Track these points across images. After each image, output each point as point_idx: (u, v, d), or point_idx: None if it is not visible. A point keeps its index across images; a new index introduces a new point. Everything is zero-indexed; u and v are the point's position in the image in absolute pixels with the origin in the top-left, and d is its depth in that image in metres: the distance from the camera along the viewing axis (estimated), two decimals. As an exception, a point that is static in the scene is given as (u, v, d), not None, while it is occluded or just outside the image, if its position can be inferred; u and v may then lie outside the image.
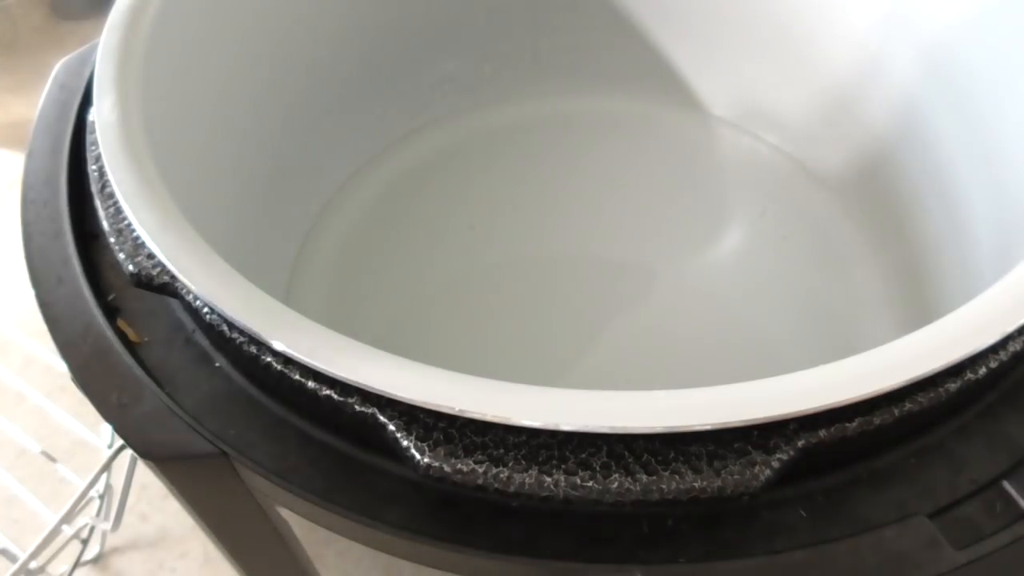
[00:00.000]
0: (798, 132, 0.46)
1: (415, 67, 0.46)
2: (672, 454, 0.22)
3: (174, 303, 0.29)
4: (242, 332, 0.24)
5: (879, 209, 0.42)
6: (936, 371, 0.22)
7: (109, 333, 0.28)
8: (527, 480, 0.21)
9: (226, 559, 0.34)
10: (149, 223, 0.25)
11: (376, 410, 0.23)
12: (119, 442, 0.50)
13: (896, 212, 0.41)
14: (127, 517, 0.53)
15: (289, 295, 0.41)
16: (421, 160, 0.46)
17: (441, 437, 0.22)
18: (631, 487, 0.21)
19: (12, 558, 0.49)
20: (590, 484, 0.21)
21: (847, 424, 0.22)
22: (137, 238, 0.26)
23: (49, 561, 0.50)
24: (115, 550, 0.53)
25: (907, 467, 0.24)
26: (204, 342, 0.28)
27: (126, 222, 0.27)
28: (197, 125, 0.34)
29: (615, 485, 0.21)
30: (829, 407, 0.21)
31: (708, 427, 0.21)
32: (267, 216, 0.40)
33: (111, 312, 0.29)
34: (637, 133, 0.47)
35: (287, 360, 0.24)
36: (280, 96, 0.41)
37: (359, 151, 0.46)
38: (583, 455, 0.22)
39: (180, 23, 0.32)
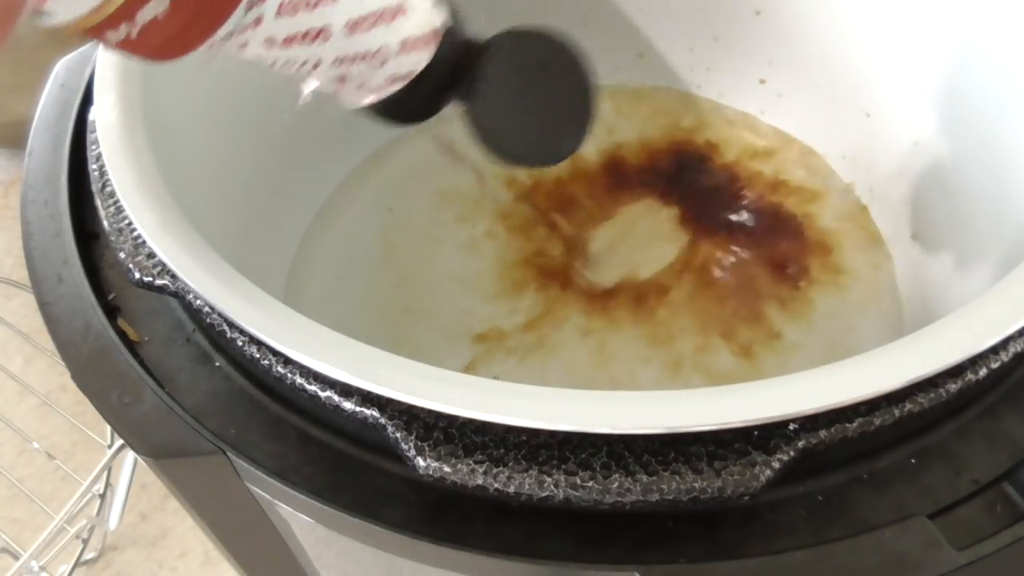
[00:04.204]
0: (801, 133, 0.46)
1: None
2: (672, 454, 0.22)
3: (174, 303, 0.29)
4: (242, 332, 0.24)
5: (882, 210, 0.42)
6: (936, 372, 0.22)
7: (109, 332, 0.28)
8: (527, 480, 0.21)
9: (226, 559, 0.34)
10: (149, 223, 0.25)
11: (376, 410, 0.23)
12: (119, 442, 0.50)
13: (899, 213, 0.41)
14: (127, 517, 0.53)
15: (289, 295, 0.41)
16: (421, 159, 0.46)
17: (441, 437, 0.22)
18: (631, 487, 0.21)
19: (13, 557, 0.50)
20: (590, 484, 0.21)
21: (847, 425, 0.22)
22: (137, 237, 0.26)
23: (50, 560, 0.50)
24: (115, 549, 0.53)
25: (907, 467, 0.24)
26: (204, 342, 0.28)
27: (126, 221, 0.27)
28: (197, 124, 0.34)
29: (615, 485, 0.21)
30: (829, 408, 0.21)
31: (708, 427, 0.21)
32: (266, 216, 0.40)
33: (111, 311, 0.29)
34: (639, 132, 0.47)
35: (287, 360, 0.24)
36: (280, 95, 0.40)
37: (358, 150, 0.46)
38: (583, 455, 0.22)
39: (180, 23, 0.32)
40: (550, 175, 0.45)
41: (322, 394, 0.23)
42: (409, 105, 0.25)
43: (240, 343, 0.25)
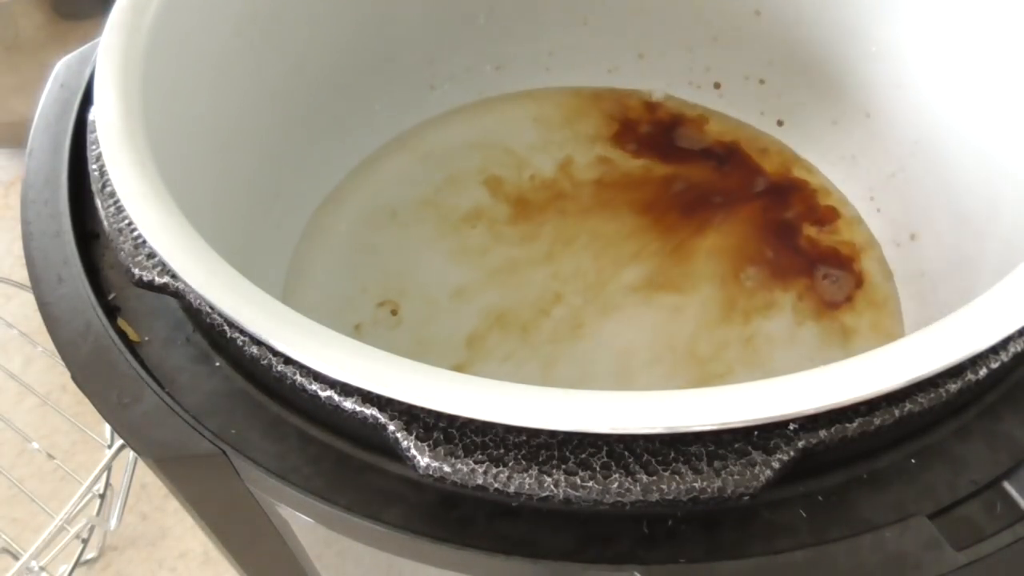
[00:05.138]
0: (800, 133, 0.46)
1: (415, 66, 0.46)
2: (672, 454, 0.22)
3: (174, 303, 0.29)
4: (242, 332, 0.24)
5: (881, 210, 0.42)
6: (936, 372, 0.22)
7: (109, 332, 0.28)
8: (527, 480, 0.21)
9: (226, 559, 0.34)
10: (149, 222, 0.25)
11: (376, 410, 0.23)
12: (119, 442, 0.50)
13: (899, 213, 0.41)
14: (127, 517, 0.53)
15: (288, 295, 0.41)
16: (421, 158, 0.46)
17: (441, 437, 0.22)
18: (631, 487, 0.21)
19: (13, 557, 0.50)
20: (590, 484, 0.21)
21: (847, 425, 0.22)
22: (137, 237, 0.26)
23: (50, 560, 0.50)
24: (115, 550, 0.53)
25: (907, 467, 0.24)
26: (204, 342, 0.28)
27: (126, 221, 0.27)
28: (197, 124, 0.34)
29: (615, 485, 0.21)
30: (829, 407, 0.21)
31: (708, 427, 0.21)
32: (266, 215, 0.40)
33: (111, 311, 0.29)
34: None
35: (287, 360, 0.24)
36: (279, 95, 0.41)
37: (357, 149, 0.46)
38: (583, 455, 0.22)
39: (180, 22, 0.32)
40: (549, 183, 0.45)
41: (322, 394, 0.23)
42: None
43: (240, 343, 0.24)
